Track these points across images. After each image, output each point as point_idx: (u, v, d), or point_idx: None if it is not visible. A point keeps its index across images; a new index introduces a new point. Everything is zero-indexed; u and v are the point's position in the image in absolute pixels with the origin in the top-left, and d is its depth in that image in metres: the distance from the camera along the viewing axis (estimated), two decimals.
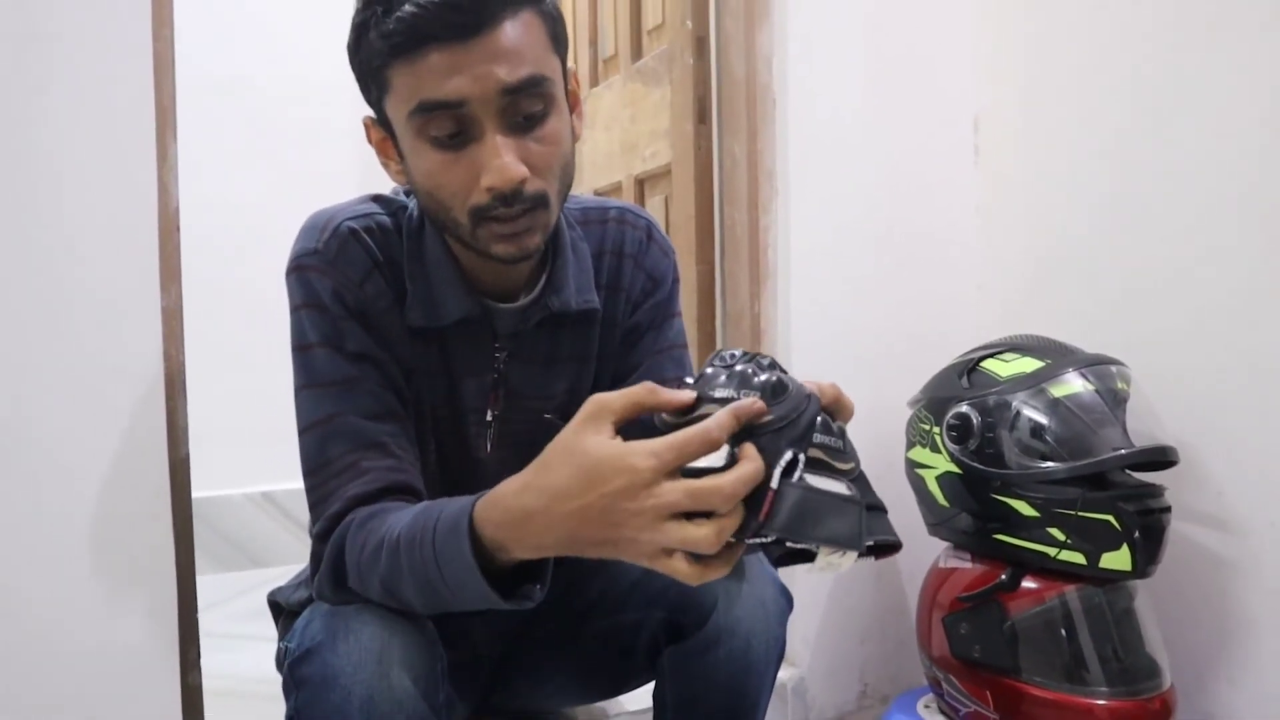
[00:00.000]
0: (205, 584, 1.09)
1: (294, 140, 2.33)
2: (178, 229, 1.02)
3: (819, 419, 0.68)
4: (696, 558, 0.65)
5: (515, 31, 0.82)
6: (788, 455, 0.65)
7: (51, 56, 0.93)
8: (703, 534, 0.63)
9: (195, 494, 1.03)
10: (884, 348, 1.54)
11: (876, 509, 0.70)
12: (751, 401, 0.65)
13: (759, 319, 1.51)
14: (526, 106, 0.84)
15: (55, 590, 0.94)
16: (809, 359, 1.47)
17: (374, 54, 0.83)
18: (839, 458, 0.68)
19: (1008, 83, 1.61)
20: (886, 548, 0.70)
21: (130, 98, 0.97)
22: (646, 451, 0.65)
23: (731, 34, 1.55)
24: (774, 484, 0.64)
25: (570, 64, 0.93)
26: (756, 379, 0.67)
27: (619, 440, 0.67)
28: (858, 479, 0.70)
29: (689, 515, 0.64)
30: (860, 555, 0.67)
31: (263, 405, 1.56)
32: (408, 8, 0.79)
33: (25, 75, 0.92)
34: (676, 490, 0.64)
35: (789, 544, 0.65)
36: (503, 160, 0.82)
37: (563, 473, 0.68)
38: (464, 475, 0.98)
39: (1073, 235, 1.51)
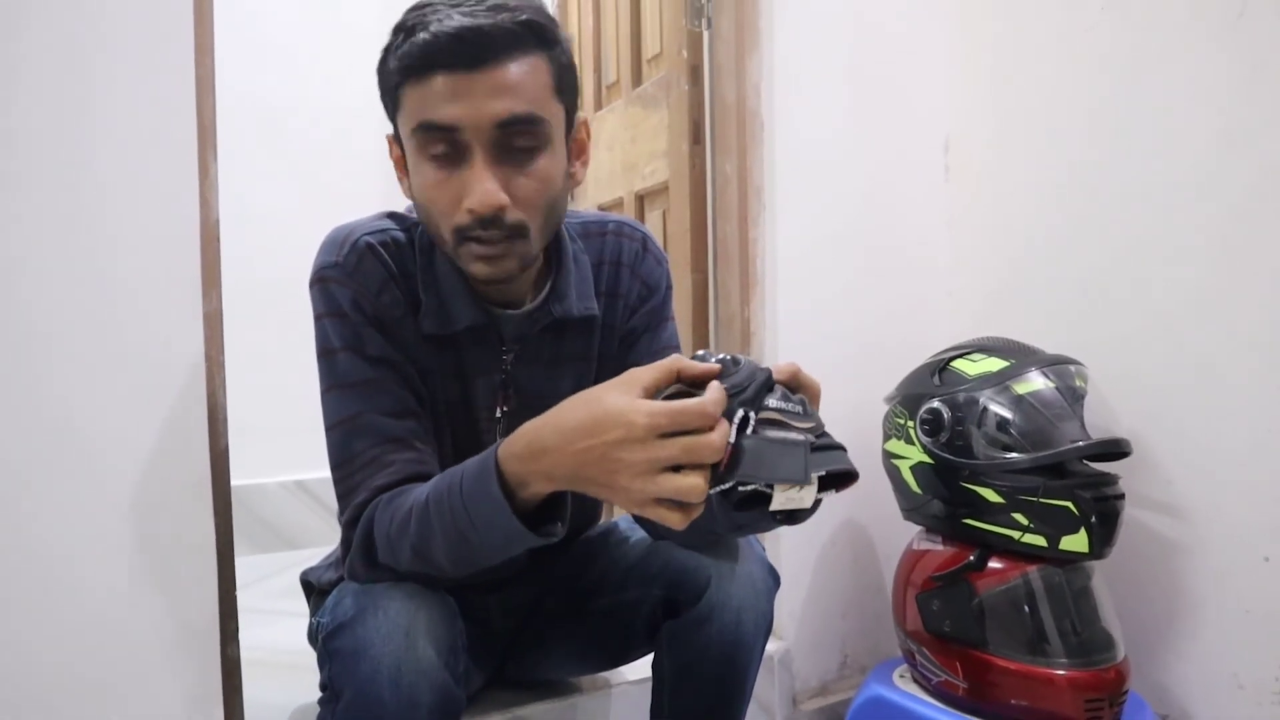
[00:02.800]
0: (243, 564, 1.09)
1: (321, 159, 2.33)
2: (218, 239, 1.02)
3: (779, 390, 0.72)
4: (677, 503, 0.68)
5: (518, 71, 0.82)
6: (740, 414, 0.68)
7: (104, 82, 0.93)
8: (692, 483, 0.66)
9: (234, 482, 1.03)
10: (863, 348, 1.54)
11: (834, 448, 0.71)
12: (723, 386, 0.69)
13: (748, 323, 1.51)
14: (517, 141, 0.83)
15: (107, 571, 0.94)
16: (794, 359, 1.44)
17: (391, 74, 0.84)
18: (797, 419, 0.71)
19: (976, 107, 1.61)
20: (843, 478, 0.72)
21: (175, 119, 0.97)
22: (645, 410, 0.67)
23: (723, 63, 1.55)
24: (731, 439, 0.68)
25: (582, 115, 0.92)
26: (711, 358, 0.72)
27: (631, 398, 0.69)
28: (821, 435, 0.72)
29: (676, 468, 0.67)
30: (821, 490, 0.70)
31: (295, 401, 1.55)
32: (423, 35, 0.80)
33: (81, 99, 0.92)
34: (674, 446, 0.66)
35: (741, 488, 0.69)
36: (484, 186, 0.82)
37: (576, 416, 0.70)
38: None
39: (1035, 246, 1.51)
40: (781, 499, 0.69)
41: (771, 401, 0.70)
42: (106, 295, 0.94)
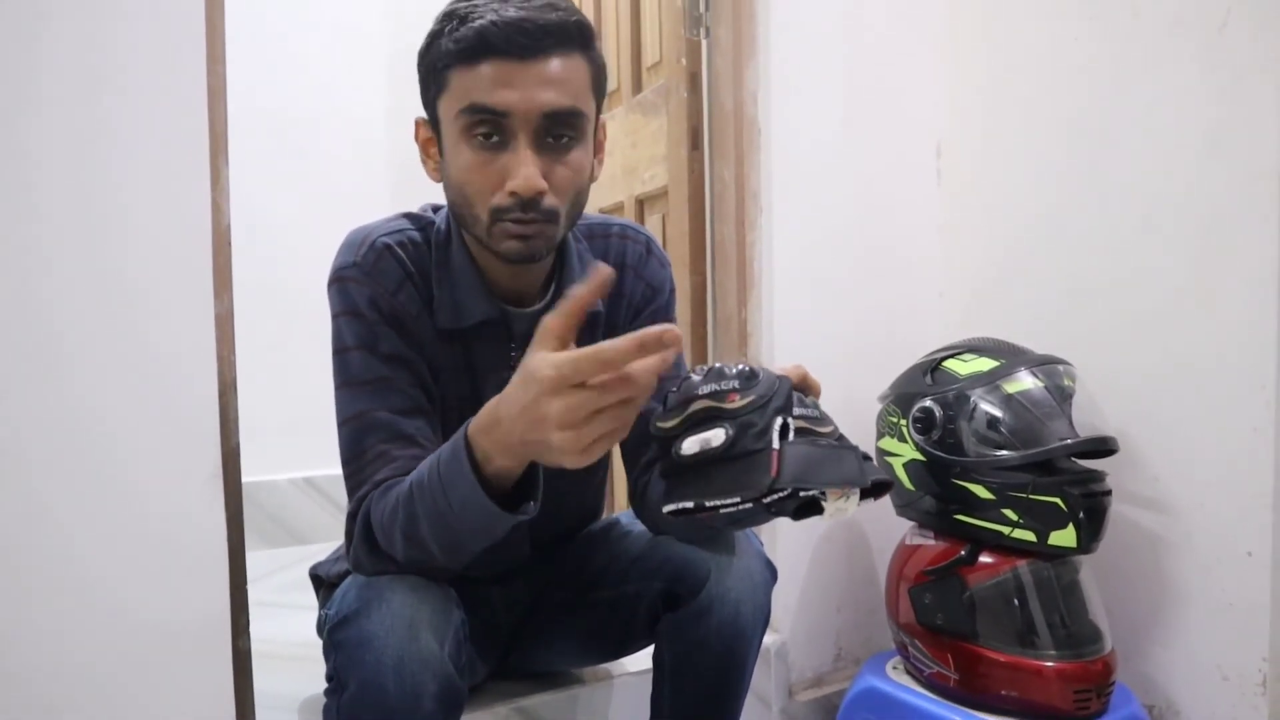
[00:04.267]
0: (254, 559, 1.09)
1: (331, 164, 2.32)
2: (229, 244, 1.01)
3: (795, 396, 0.70)
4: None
5: (564, 66, 0.84)
6: (779, 421, 0.66)
7: (119, 91, 0.93)
8: (611, 426, 0.63)
9: (245, 479, 1.02)
10: (857, 349, 1.53)
11: (865, 458, 0.71)
12: (663, 328, 0.61)
13: (745, 324, 1.51)
14: (558, 132, 0.85)
15: (122, 565, 0.93)
16: (790, 359, 1.44)
17: (441, 56, 0.85)
18: (819, 424, 0.70)
19: (966, 114, 1.61)
20: (883, 486, 0.71)
21: (187, 126, 0.97)
22: (550, 362, 0.64)
23: (721, 71, 1.54)
24: (775, 445, 0.65)
25: (602, 117, 0.93)
26: (730, 371, 0.70)
27: (540, 353, 0.66)
28: (840, 439, 0.71)
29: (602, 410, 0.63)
30: (863, 497, 0.69)
31: (305, 400, 1.55)
32: (478, 21, 0.81)
33: (96, 108, 0.92)
34: (584, 393, 0.63)
35: (801, 494, 0.66)
36: (528, 170, 0.83)
37: (516, 380, 0.68)
38: None
39: (1024, 248, 1.51)
40: (832, 508, 0.68)
41: (795, 409, 0.69)
42: (122, 298, 0.94)
